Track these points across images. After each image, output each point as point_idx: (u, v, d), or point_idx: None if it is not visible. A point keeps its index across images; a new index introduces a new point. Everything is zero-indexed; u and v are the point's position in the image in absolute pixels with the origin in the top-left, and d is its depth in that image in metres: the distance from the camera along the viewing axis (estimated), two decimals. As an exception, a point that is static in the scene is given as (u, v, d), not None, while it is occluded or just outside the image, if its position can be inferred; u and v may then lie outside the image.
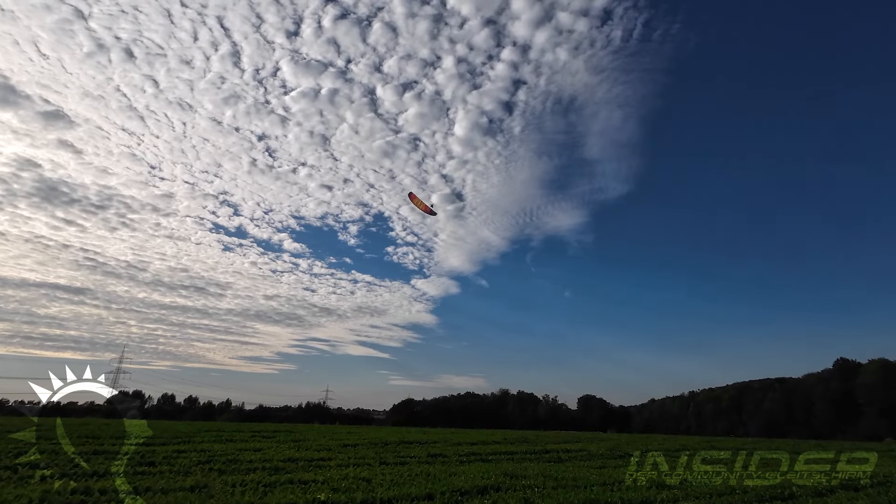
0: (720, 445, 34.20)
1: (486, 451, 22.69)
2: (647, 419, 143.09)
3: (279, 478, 11.97)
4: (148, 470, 12.57)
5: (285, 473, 12.94)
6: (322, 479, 11.82)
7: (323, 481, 11.61)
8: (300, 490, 10.32)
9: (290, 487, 10.71)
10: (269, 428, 34.08)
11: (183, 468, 13.10)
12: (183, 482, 10.74)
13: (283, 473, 12.94)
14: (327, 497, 9.42)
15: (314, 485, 11.14)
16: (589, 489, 11.57)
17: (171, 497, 8.71)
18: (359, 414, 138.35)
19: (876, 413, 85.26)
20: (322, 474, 12.82)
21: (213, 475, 12.11)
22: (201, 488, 10.15)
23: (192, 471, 12.84)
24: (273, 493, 9.79)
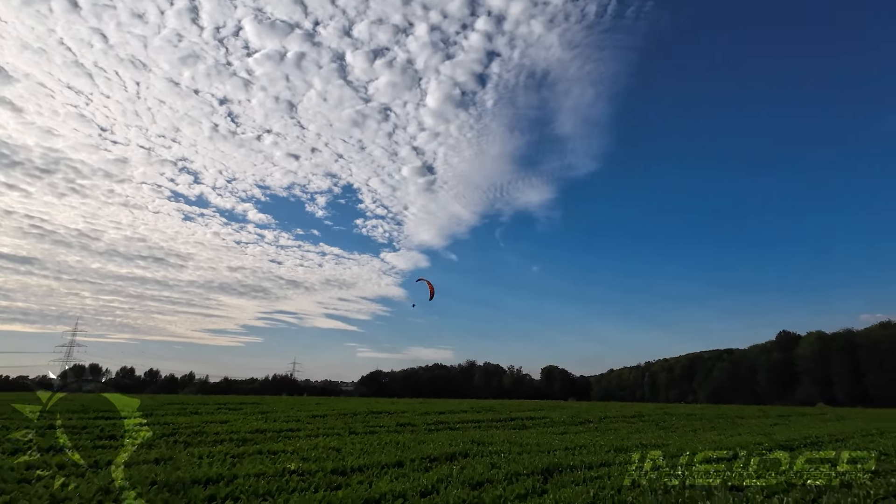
0: (673, 411, 36.52)
1: (453, 419, 23.34)
2: (605, 388, 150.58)
3: (247, 449, 11.93)
4: (109, 444, 12.25)
5: (253, 444, 12.91)
6: (291, 450, 11.87)
7: (292, 451, 11.67)
8: (269, 460, 10.33)
9: (259, 458, 10.71)
10: (236, 400, 33.72)
11: (146, 441, 12.85)
12: (146, 455, 10.55)
13: (251, 444, 12.90)
14: (297, 466, 9.48)
15: (283, 455, 11.19)
16: (552, 454, 12.16)
17: (135, 470, 8.54)
18: (327, 386, 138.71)
19: (810, 381, 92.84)
20: (291, 445, 12.87)
21: (179, 448, 11.95)
22: (166, 461, 10.00)
23: (155, 444, 12.61)
24: (242, 464, 9.76)
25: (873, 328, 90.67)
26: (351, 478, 8.80)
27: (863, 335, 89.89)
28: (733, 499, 6.77)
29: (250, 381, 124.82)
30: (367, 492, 7.50)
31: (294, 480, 8.31)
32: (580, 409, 38.46)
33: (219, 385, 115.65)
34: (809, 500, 7.36)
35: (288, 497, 7.15)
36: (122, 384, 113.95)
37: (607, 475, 9.53)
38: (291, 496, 7.19)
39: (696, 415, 33.61)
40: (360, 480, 8.53)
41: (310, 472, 9.09)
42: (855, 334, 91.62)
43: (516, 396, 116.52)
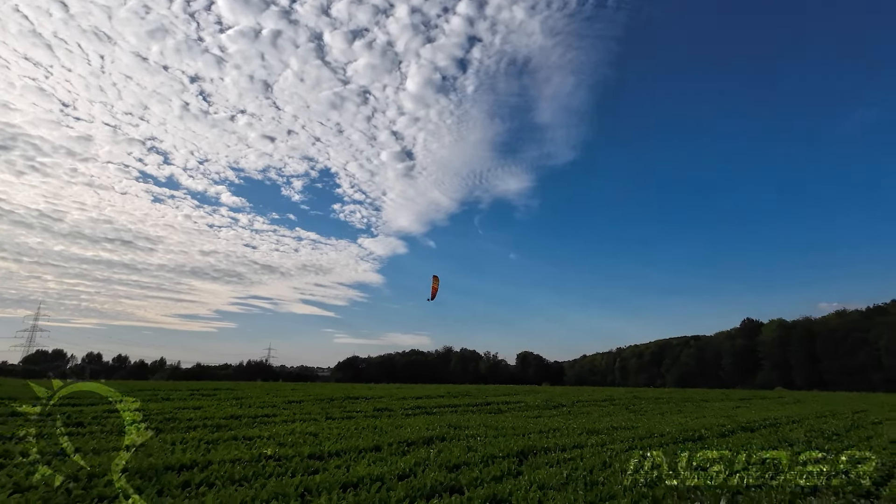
0: (642, 395, 37.82)
1: (430, 404, 23.59)
2: (578, 373, 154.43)
3: (222, 435, 11.80)
4: (77, 431, 11.91)
5: (228, 430, 12.77)
6: (268, 435, 11.80)
7: (268, 437, 11.60)
8: (245, 446, 10.25)
9: (235, 444, 10.61)
10: (209, 386, 33.18)
11: (116, 428, 12.54)
12: (117, 442, 10.31)
13: (225, 430, 12.76)
14: (274, 452, 9.44)
15: (259, 440, 11.11)
16: (527, 437, 12.45)
17: (105, 457, 8.34)
18: (303, 372, 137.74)
19: (771, 366, 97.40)
20: (267, 430, 12.79)
21: (150, 434, 11.71)
22: (138, 447, 9.79)
23: (125, 430, 12.32)
24: (216, 450, 9.65)
25: (830, 316, 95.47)
26: (328, 462, 8.83)
27: (820, 323, 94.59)
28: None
29: (224, 366, 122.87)
30: (344, 476, 7.54)
31: (270, 466, 8.28)
32: (554, 393, 39.41)
33: (191, 371, 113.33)
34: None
35: (265, 482, 7.12)
36: (90, 370, 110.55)
37: (580, 457, 9.84)
38: (268, 481, 7.16)
39: (664, 398, 34.93)
40: (337, 465, 8.56)
41: (286, 458, 9.07)
42: (813, 322, 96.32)
43: (492, 381, 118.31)
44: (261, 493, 6.49)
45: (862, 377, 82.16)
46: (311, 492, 6.74)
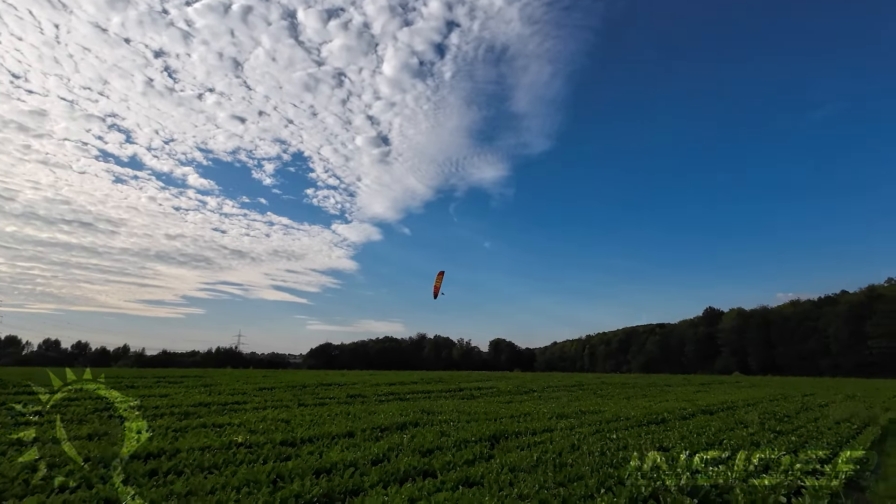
0: (610, 381, 39.12)
1: (403, 390, 23.73)
2: (549, 360, 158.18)
3: (190, 422, 11.55)
4: (34, 420, 11.42)
5: (197, 418, 12.52)
6: (238, 422, 11.63)
7: (239, 424, 11.44)
8: (214, 434, 10.07)
9: (204, 431, 10.41)
10: (176, 373, 32.35)
11: (77, 416, 12.12)
12: (78, 430, 9.97)
13: (194, 418, 12.50)
14: (245, 439, 9.32)
15: (229, 428, 10.94)
16: (498, 421, 12.71)
17: (66, 447, 8.05)
18: (274, 359, 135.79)
19: (730, 352, 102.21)
20: (238, 417, 12.60)
21: (114, 422, 11.36)
22: (100, 436, 9.50)
23: (87, 419, 11.93)
24: (185, 438, 9.45)
25: (785, 306, 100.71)
26: (301, 449, 8.79)
27: (776, 312, 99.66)
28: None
29: (192, 353, 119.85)
30: (317, 462, 7.53)
31: (241, 453, 8.18)
32: (525, 379, 40.28)
33: (157, 358, 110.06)
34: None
35: (235, 469, 7.03)
36: (47, 356, 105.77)
37: (550, 440, 10.14)
38: (239, 468, 7.08)
39: (630, 384, 36.24)
40: (310, 451, 8.54)
41: (258, 445, 8.98)
42: (769, 311, 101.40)
43: (465, 368, 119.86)
44: (231, 480, 6.42)
45: (811, 363, 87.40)
46: (284, 478, 6.71)
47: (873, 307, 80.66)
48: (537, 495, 5.96)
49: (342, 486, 6.35)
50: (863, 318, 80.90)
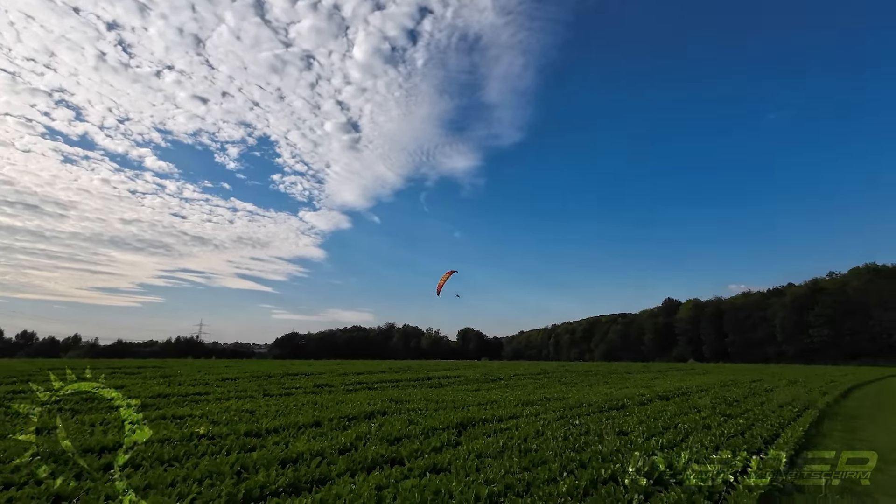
0: (573, 369, 40.33)
1: (372, 380, 23.67)
2: (515, 348, 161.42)
3: (149, 414, 11.14)
4: (-27, 414, 10.73)
5: (155, 409, 12.09)
6: (199, 414, 11.31)
7: (201, 415, 11.13)
8: (174, 426, 9.76)
9: (163, 423, 10.07)
10: (133, 364, 31.03)
11: (25, 410, 11.44)
12: (23, 426, 9.42)
13: (152, 410, 12.06)
14: (207, 430, 9.09)
15: (191, 419, 10.63)
16: (466, 409, 12.90)
17: (10, 442, 7.62)
18: (238, 348, 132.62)
19: (686, 341, 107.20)
20: (199, 409, 12.25)
21: (65, 415, 10.82)
22: (49, 430, 9.03)
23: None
24: (142, 431, 9.12)
25: (737, 297, 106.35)
26: (266, 439, 8.65)
27: (728, 303, 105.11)
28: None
29: (149, 343, 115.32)
30: (283, 452, 7.44)
31: (203, 444, 7.98)
32: (492, 367, 40.96)
33: (111, 348, 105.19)
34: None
35: (197, 461, 6.86)
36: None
37: (515, 426, 10.38)
38: (201, 460, 6.91)
39: (593, 371, 37.48)
40: (275, 441, 8.42)
41: (221, 436, 8.78)
42: (722, 301, 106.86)
43: (434, 357, 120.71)
44: (193, 472, 6.26)
45: (759, 350, 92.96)
46: (248, 469, 6.61)
47: (815, 299, 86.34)
48: (503, 480, 6.12)
49: (309, 476, 6.31)
50: (806, 309, 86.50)
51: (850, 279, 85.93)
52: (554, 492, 5.73)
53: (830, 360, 79.49)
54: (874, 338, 77.57)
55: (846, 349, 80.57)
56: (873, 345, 77.74)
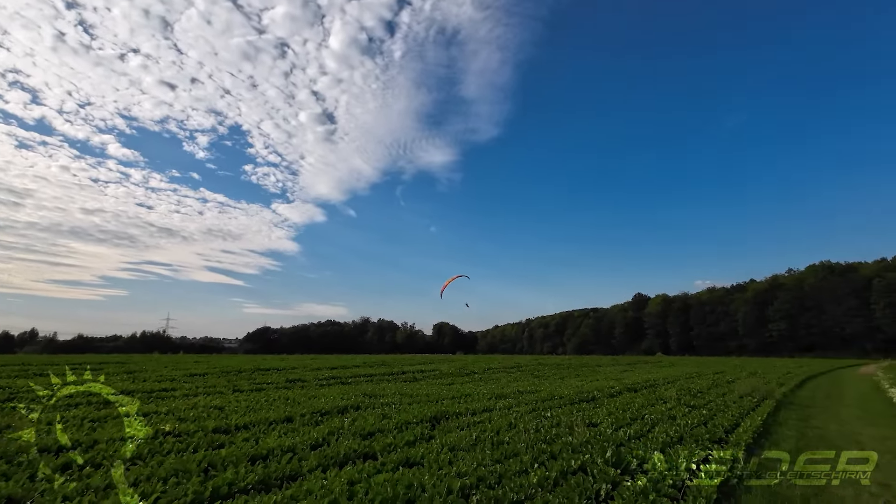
0: (546, 362, 41.04)
1: (345, 374, 23.48)
2: (490, 342, 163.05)
3: (111, 412, 10.75)
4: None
5: (118, 407, 11.65)
6: (165, 410, 10.98)
7: (167, 412, 10.81)
8: (140, 423, 9.43)
9: (127, 421, 9.72)
10: (94, 360, 29.79)
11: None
12: (-26, 424, 8.94)
13: (115, 407, 11.62)
14: (173, 427, 8.83)
15: (156, 416, 10.32)
16: (440, 403, 12.96)
17: (-41, 442, 7.20)
18: (207, 343, 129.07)
19: (654, 334, 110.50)
20: (165, 405, 11.89)
21: (20, 413, 10.31)
22: (2, 429, 8.60)
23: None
24: (104, 428, 8.80)
25: (702, 292, 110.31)
26: (235, 436, 8.47)
27: (694, 298, 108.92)
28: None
29: (113, 338, 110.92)
30: (253, 448, 7.30)
31: (169, 442, 7.75)
32: (467, 361, 41.26)
33: (72, 343, 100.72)
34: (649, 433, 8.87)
35: (162, 460, 6.66)
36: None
37: (489, 420, 10.50)
38: (166, 458, 6.70)
39: (565, 364, 38.26)
40: (245, 438, 8.25)
41: (188, 433, 8.55)
42: (689, 297, 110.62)
43: (409, 351, 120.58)
44: (158, 470, 6.07)
45: (722, 344, 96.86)
46: (216, 466, 6.46)
47: (775, 294, 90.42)
48: (475, 472, 6.18)
49: (279, 472, 6.22)
50: (766, 304, 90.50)
51: (806, 276, 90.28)
52: (525, 483, 5.83)
53: (787, 353, 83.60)
54: (826, 331, 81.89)
55: (802, 342, 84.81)
56: (826, 338, 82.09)
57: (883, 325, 73.69)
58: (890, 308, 72.59)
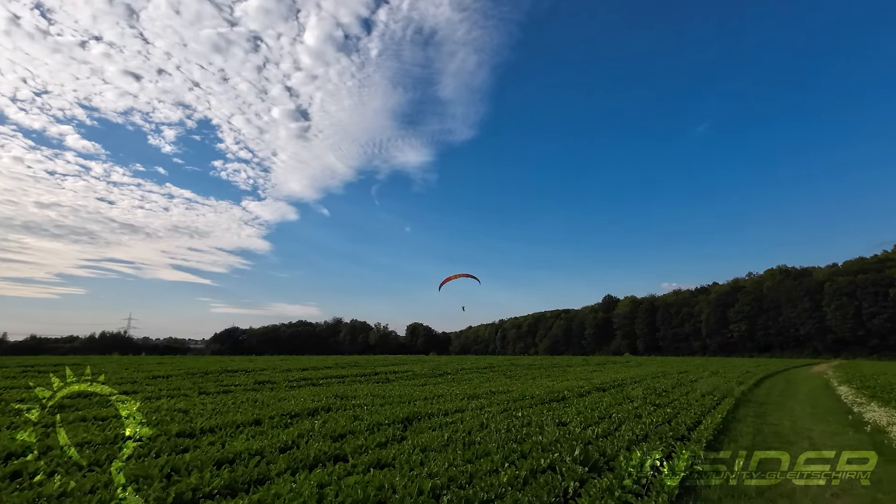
0: (518, 362, 41.53)
1: (317, 375, 23.12)
2: (464, 343, 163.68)
3: (66, 416, 10.24)
4: None
5: (74, 411, 11.12)
6: (126, 414, 10.52)
7: (127, 416, 10.36)
8: (96, 428, 9.04)
9: (83, 426, 9.29)
10: (48, 361, 28.34)
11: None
12: (-88, 431, 8.36)
13: (71, 411, 11.09)
14: (134, 431, 8.49)
15: (115, 420, 9.88)
16: (412, 404, 12.93)
17: None
18: (171, 344, 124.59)
19: (622, 335, 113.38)
20: (126, 409, 11.39)
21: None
22: (-55, 436, 8.07)
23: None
24: (59, 434, 8.37)
25: (669, 294, 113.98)
26: (201, 440, 8.22)
27: (661, 299, 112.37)
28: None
29: (69, 339, 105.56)
30: (219, 452, 7.11)
31: (130, 447, 7.44)
32: (440, 362, 41.31)
33: (24, 344, 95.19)
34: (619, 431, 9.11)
35: (122, 465, 6.40)
36: None
37: (461, 420, 10.55)
38: (126, 464, 6.45)
39: (536, 365, 38.82)
40: (211, 441, 8.03)
41: (150, 437, 8.23)
42: (656, 298, 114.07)
43: (382, 352, 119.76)
44: (117, 477, 5.83)
45: (687, 344, 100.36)
46: (179, 471, 6.26)
47: (735, 296, 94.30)
48: (446, 473, 6.21)
49: (246, 476, 6.08)
50: (728, 306, 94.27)
51: (765, 279, 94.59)
52: (495, 482, 5.90)
53: (746, 353, 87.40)
54: (782, 332, 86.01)
55: (760, 342, 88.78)
56: (782, 338, 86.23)
57: (833, 326, 77.94)
58: (840, 310, 76.83)
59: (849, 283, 77.21)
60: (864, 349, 73.82)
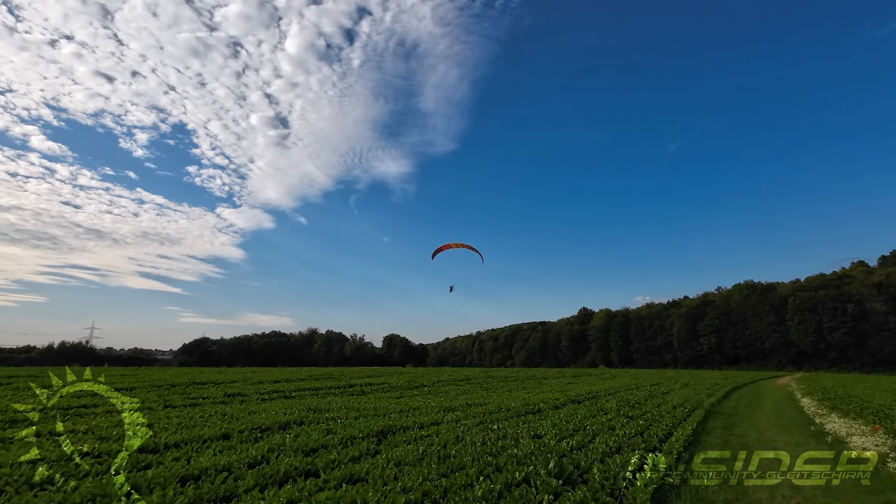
0: (495, 374, 41.52)
1: (289, 388, 22.57)
2: (441, 355, 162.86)
3: (17, 432, 9.67)
4: None
5: (29, 425, 10.51)
6: (84, 429, 10.04)
7: (86, 431, 9.88)
8: (51, 444, 8.56)
9: (37, 441, 8.79)
10: (1, 373, 26.76)
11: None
12: None
13: (24, 426, 10.48)
14: (92, 448, 8.08)
15: (73, 436, 9.39)
16: (387, 417, 12.74)
17: None
18: (137, 355, 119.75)
19: (597, 348, 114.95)
20: (84, 423, 10.86)
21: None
22: None
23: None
24: (9, 451, 7.89)
25: (642, 308, 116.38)
26: (165, 455, 7.88)
27: (634, 312, 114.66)
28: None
29: (25, 349, 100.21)
30: (184, 469, 6.82)
31: (87, 463, 7.08)
32: (417, 374, 40.92)
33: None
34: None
35: (77, 483, 6.07)
36: None
37: (436, 433, 10.44)
38: (83, 482, 6.12)
39: (513, 377, 38.89)
40: (175, 457, 7.70)
41: (109, 454, 7.85)
42: (629, 311, 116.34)
43: (357, 363, 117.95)
44: (72, 496, 5.52)
45: (659, 356, 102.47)
46: (140, 489, 5.97)
47: (705, 310, 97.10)
48: (420, 487, 6.12)
49: (212, 493, 5.85)
50: (698, 319, 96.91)
51: (733, 293, 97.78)
52: (470, 496, 5.84)
53: (716, 365, 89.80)
54: (749, 345, 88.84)
55: (728, 355, 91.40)
56: (748, 351, 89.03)
57: (796, 339, 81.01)
58: (802, 325, 79.99)
59: (810, 298, 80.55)
60: (825, 362, 76.87)
